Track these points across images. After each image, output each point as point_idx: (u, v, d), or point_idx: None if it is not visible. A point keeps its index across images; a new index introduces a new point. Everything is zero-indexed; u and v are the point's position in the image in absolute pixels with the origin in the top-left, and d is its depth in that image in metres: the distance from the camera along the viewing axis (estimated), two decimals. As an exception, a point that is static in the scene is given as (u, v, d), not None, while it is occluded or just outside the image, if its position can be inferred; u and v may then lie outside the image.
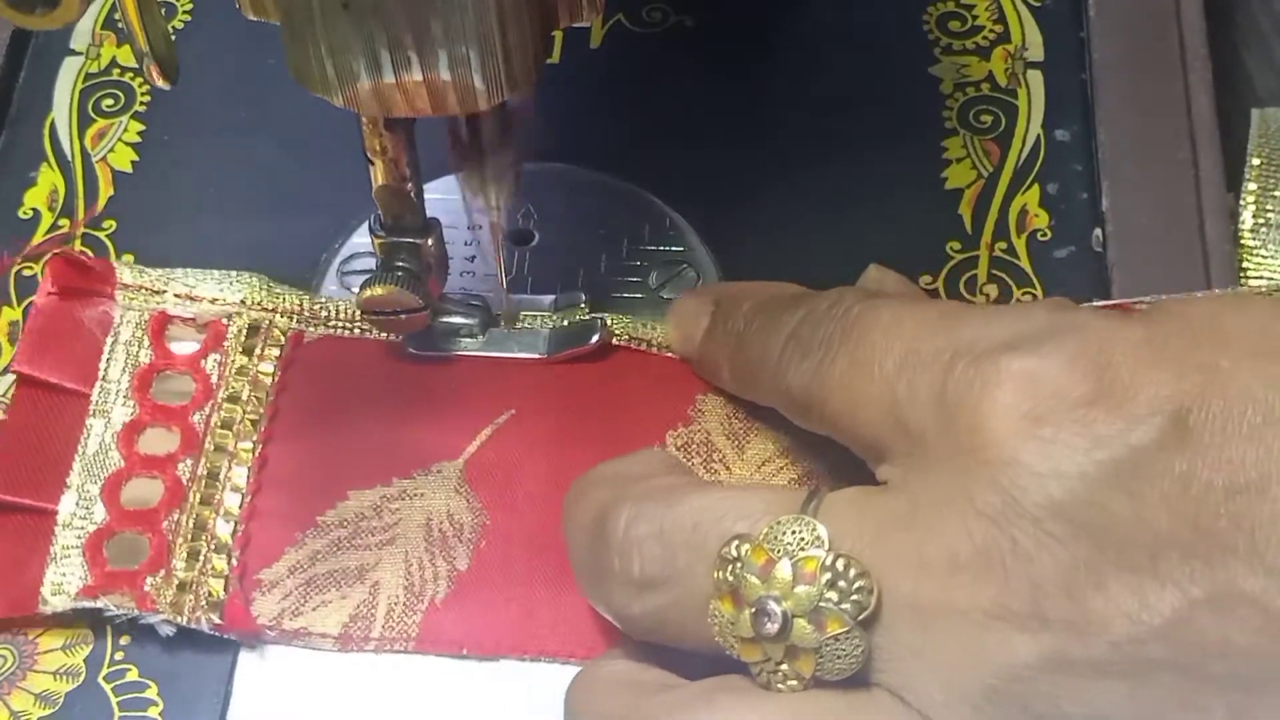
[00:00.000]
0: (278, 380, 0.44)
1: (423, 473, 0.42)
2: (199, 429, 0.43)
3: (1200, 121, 0.47)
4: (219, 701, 0.39)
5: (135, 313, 0.45)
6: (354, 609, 0.40)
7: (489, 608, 0.40)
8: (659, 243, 0.47)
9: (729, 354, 0.41)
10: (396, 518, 0.41)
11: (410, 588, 0.40)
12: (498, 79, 0.35)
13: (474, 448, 0.42)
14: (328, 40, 0.34)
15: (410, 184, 0.40)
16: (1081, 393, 0.30)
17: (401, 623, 0.40)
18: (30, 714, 0.39)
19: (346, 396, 0.43)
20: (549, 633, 0.39)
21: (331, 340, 0.45)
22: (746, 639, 0.32)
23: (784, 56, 0.51)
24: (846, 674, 0.31)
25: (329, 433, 0.43)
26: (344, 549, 0.41)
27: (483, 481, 0.42)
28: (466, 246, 0.47)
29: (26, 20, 0.33)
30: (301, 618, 0.40)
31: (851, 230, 0.47)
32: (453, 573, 0.40)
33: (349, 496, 0.42)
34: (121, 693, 0.39)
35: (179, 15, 0.53)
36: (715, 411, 0.43)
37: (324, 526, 0.41)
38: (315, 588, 0.40)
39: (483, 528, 0.41)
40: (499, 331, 0.45)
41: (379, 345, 0.44)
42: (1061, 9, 0.51)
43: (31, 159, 0.50)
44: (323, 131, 0.48)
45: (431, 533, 0.41)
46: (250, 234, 0.48)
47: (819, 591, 0.31)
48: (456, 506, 0.42)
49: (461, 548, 0.41)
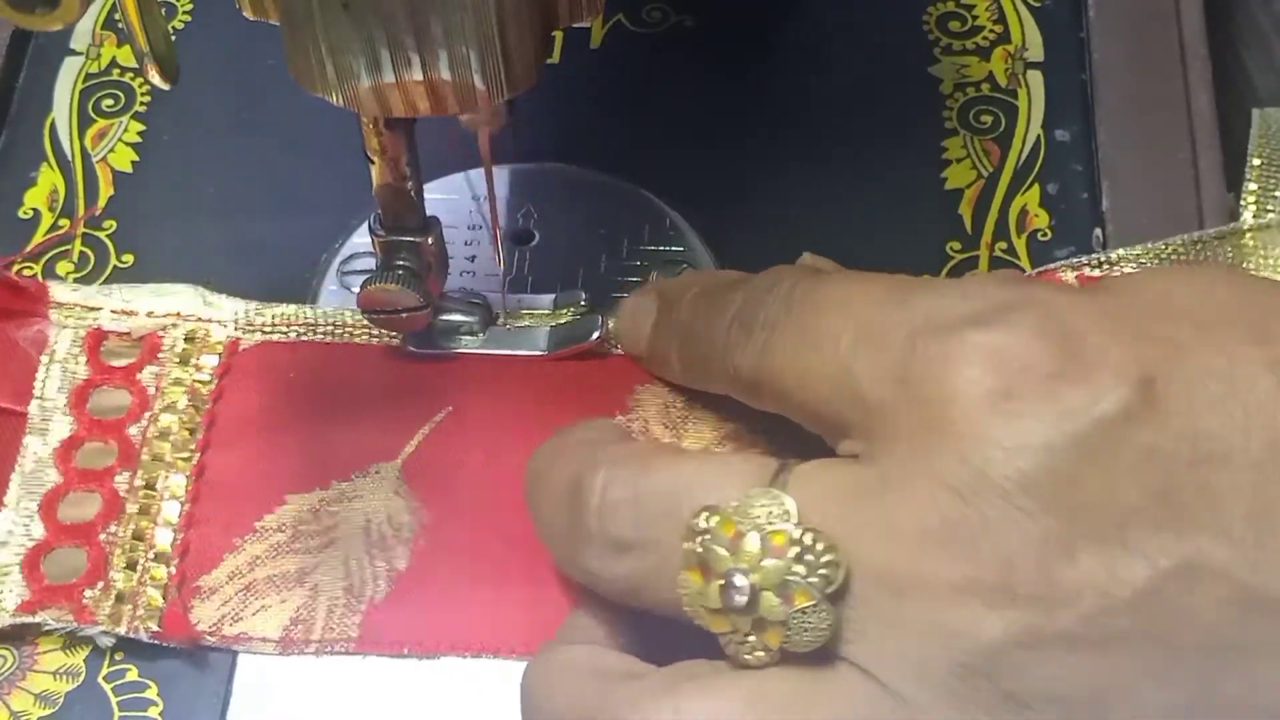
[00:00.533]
0: (214, 389, 0.44)
1: (360, 474, 0.42)
2: (136, 441, 0.43)
3: (1200, 121, 0.47)
4: (219, 701, 0.39)
5: (70, 330, 0.45)
6: (294, 612, 0.40)
7: (429, 606, 0.40)
8: (659, 243, 0.47)
9: (676, 346, 0.41)
10: (335, 520, 0.41)
11: (350, 589, 0.40)
12: (498, 79, 0.35)
13: (411, 447, 0.43)
14: (327, 40, 0.34)
15: (410, 183, 0.40)
16: (1048, 366, 0.31)
17: (342, 624, 0.40)
18: (30, 714, 0.39)
19: (283, 402, 0.44)
20: (490, 629, 0.40)
21: (268, 346, 0.45)
22: (715, 610, 0.32)
23: (784, 56, 0.51)
24: (814, 646, 0.31)
25: (266, 438, 0.43)
26: (283, 553, 0.41)
27: (421, 481, 0.42)
28: (466, 246, 0.47)
29: (26, 20, 0.33)
30: (241, 623, 0.40)
31: (851, 230, 0.47)
32: (392, 573, 0.40)
33: (287, 501, 0.42)
34: (121, 693, 0.39)
35: (179, 15, 0.53)
36: (653, 401, 0.43)
37: (262, 532, 0.41)
38: (254, 593, 0.40)
39: (421, 526, 0.41)
40: (499, 330, 0.45)
41: (315, 349, 0.44)
42: (1061, 9, 0.51)
43: (31, 159, 0.50)
44: (323, 131, 0.48)
45: (370, 534, 0.41)
46: (250, 234, 0.48)
47: (787, 565, 0.31)
48: (395, 507, 0.42)
49: (400, 547, 0.41)
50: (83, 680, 0.40)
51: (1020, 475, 0.30)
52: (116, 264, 0.47)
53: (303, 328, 0.45)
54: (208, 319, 0.45)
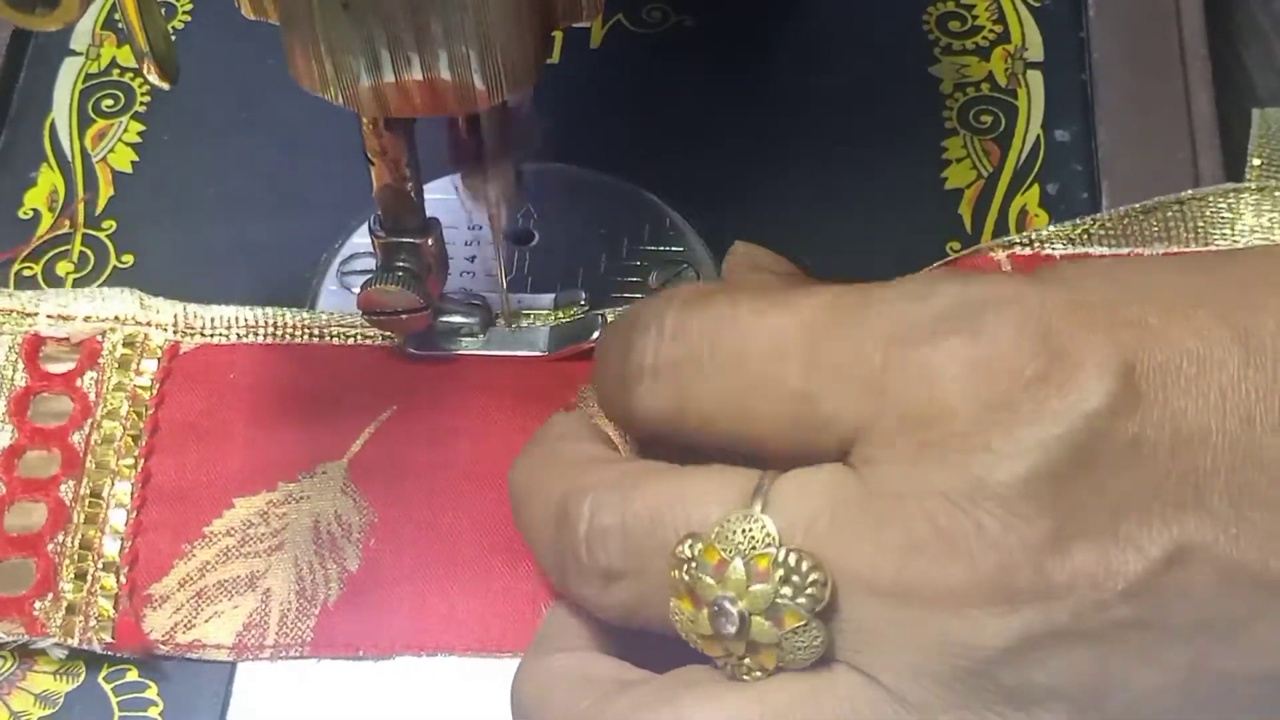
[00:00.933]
0: (156, 393, 0.44)
1: (307, 475, 0.42)
2: (79, 448, 0.43)
3: (1200, 121, 0.47)
4: (219, 702, 0.39)
5: (8, 336, 0.44)
6: (247, 617, 0.40)
7: (381, 607, 0.40)
8: (659, 243, 0.47)
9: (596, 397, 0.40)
10: (284, 523, 0.41)
11: (302, 592, 0.40)
12: (498, 79, 0.35)
13: (357, 447, 0.43)
14: (327, 40, 0.34)
15: (410, 184, 0.40)
16: (1034, 368, 0.30)
17: (295, 628, 0.40)
18: (30, 714, 0.39)
19: (226, 404, 0.43)
20: (443, 628, 0.40)
21: (209, 349, 0.44)
22: (707, 636, 0.32)
23: (784, 56, 0.51)
24: (810, 662, 0.32)
25: (211, 442, 0.43)
26: (233, 558, 0.41)
27: (369, 480, 0.42)
28: (466, 246, 0.47)
29: (26, 20, 0.33)
30: (194, 630, 0.40)
31: (851, 230, 0.47)
32: (343, 574, 0.40)
33: (235, 504, 0.42)
34: (121, 693, 0.39)
35: (179, 15, 0.53)
36: None
37: (211, 537, 0.41)
38: (206, 599, 0.40)
39: (370, 526, 0.41)
40: (499, 331, 0.45)
41: (257, 350, 0.44)
42: (1061, 9, 0.51)
43: (31, 159, 0.50)
44: (323, 131, 0.48)
45: (320, 535, 0.41)
46: (250, 234, 0.48)
47: (774, 589, 0.31)
48: (344, 507, 0.42)
49: (351, 548, 0.41)
50: (83, 680, 0.40)
51: (1018, 481, 0.30)
52: (116, 264, 0.47)
53: (244, 329, 0.45)
54: (146, 323, 0.45)
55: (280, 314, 0.45)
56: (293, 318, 0.45)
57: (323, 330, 0.45)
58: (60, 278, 0.47)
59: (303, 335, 0.45)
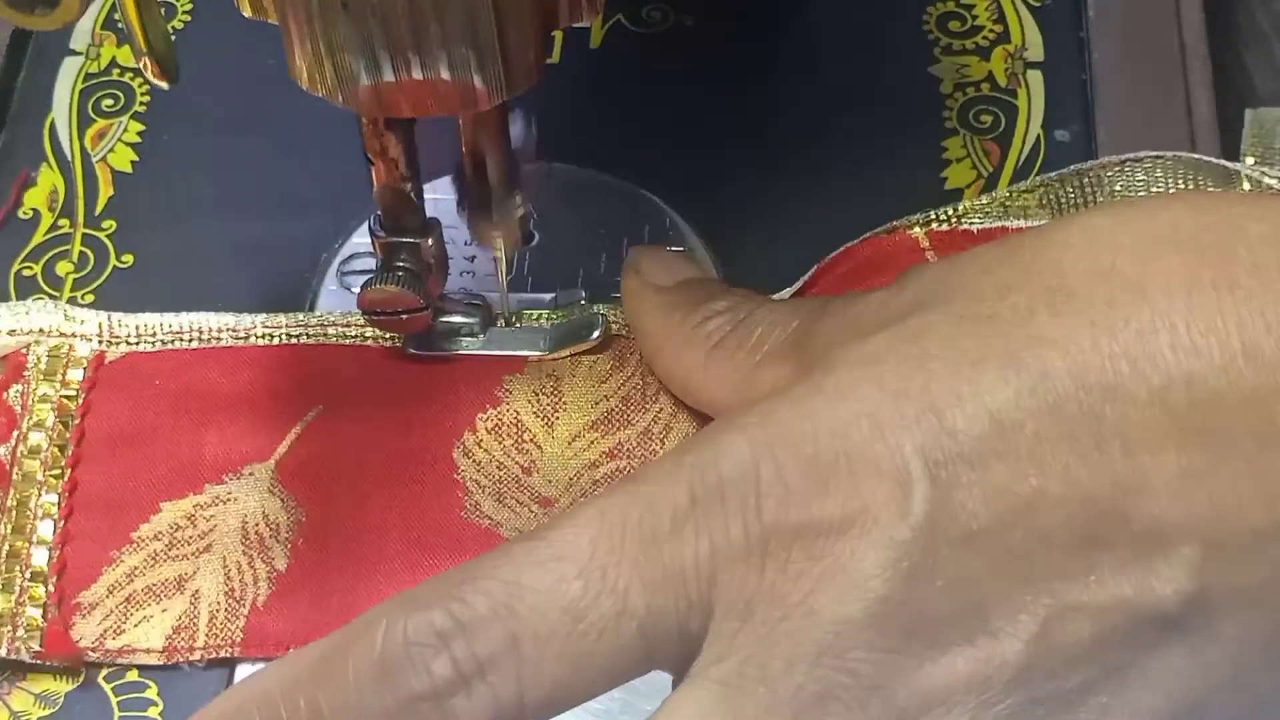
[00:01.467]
0: (82, 403, 0.44)
1: (234, 476, 0.42)
2: (5, 461, 0.43)
3: (1200, 121, 0.47)
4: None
5: None
6: (176, 620, 0.40)
7: (311, 604, 0.40)
8: (658, 242, 0.47)
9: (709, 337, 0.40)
10: (212, 525, 0.41)
11: (231, 593, 0.40)
12: (497, 79, 0.35)
13: (284, 447, 0.43)
14: (327, 40, 0.34)
15: (410, 184, 0.40)
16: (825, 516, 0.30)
17: (225, 629, 0.40)
18: (30, 714, 0.39)
19: (152, 410, 0.43)
20: None
21: (134, 356, 0.44)
22: None
23: (784, 56, 0.51)
24: None
25: (137, 448, 0.43)
26: (161, 562, 0.41)
27: (296, 479, 0.42)
28: (466, 246, 0.47)
29: (26, 20, 0.33)
30: (124, 636, 0.40)
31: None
32: (272, 574, 0.40)
33: (161, 509, 0.42)
34: (121, 693, 0.39)
35: (179, 15, 0.53)
36: (523, 391, 0.43)
37: (139, 542, 0.41)
38: (135, 604, 0.40)
39: (299, 525, 0.41)
40: (499, 330, 0.45)
41: (181, 356, 0.44)
42: (1061, 9, 0.51)
43: (31, 159, 0.50)
44: (323, 131, 0.48)
45: (248, 536, 0.41)
46: (250, 234, 0.48)
47: None
48: (271, 507, 0.42)
49: (279, 547, 0.41)
50: (83, 680, 0.40)
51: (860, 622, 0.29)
52: (116, 264, 0.47)
53: (169, 336, 0.45)
54: (71, 334, 0.45)
55: (205, 320, 0.45)
56: (217, 322, 0.45)
57: (248, 333, 0.45)
58: (60, 277, 0.47)
59: (225, 339, 0.45)
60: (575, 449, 0.42)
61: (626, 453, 0.42)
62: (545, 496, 0.42)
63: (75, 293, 0.47)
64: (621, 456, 0.42)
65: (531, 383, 0.43)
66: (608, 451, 0.42)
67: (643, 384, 0.43)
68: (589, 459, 0.42)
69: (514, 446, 0.42)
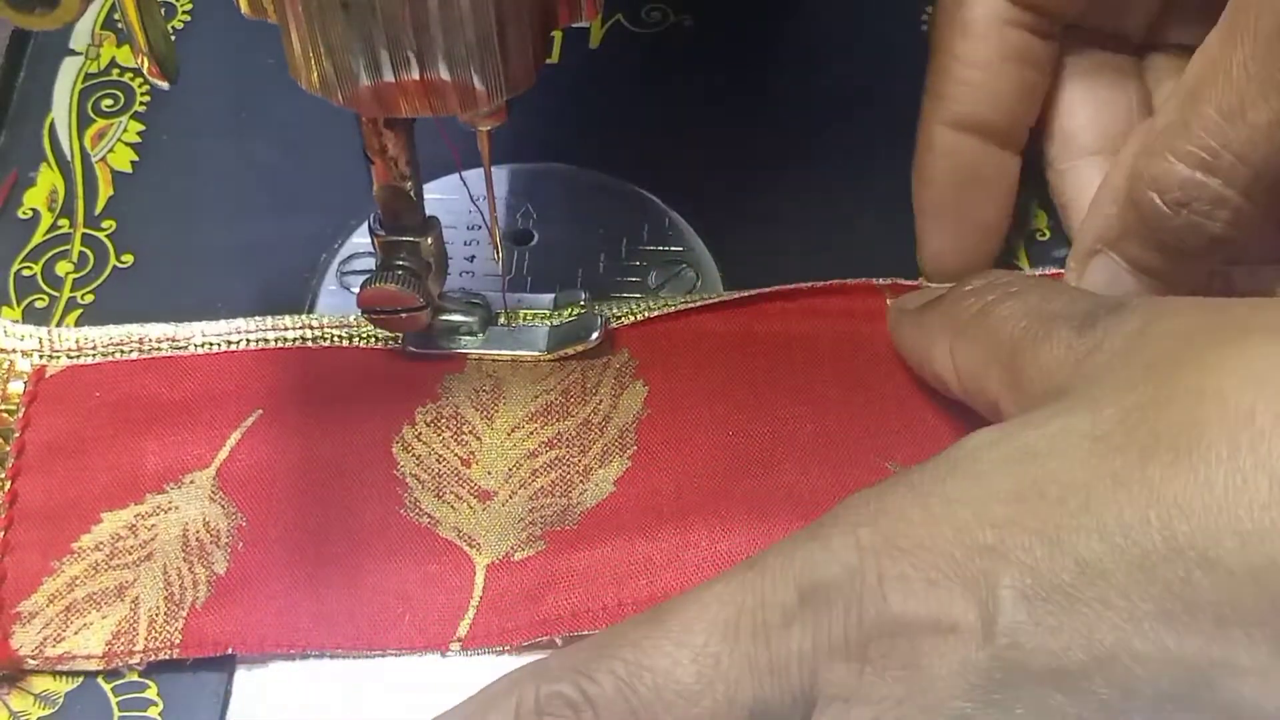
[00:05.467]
0: (22, 416, 0.44)
1: (175, 485, 0.42)
2: None
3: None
4: (218, 701, 0.39)
5: None
6: (116, 626, 0.40)
7: (250, 607, 0.40)
8: (658, 242, 0.47)
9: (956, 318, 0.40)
10: (153, 534, 0.41)
11: (170, 597, 0.40)
12: (497, 79, 0.35)
13: (225, 454, 0.43)
14: (326, 40, 0.34)
15: (410, 183, 0.40)
16: None
17: (164, 632, 0.40)
18: (30, 714, 0.39)
19: (93, 422, 0.44)
20: (312, 625, 0.40)
21: (76, 369, 0.44)
22: None
23: (783, 57, 0.51)
24: None
25: (77, 459, 0.43)
26: (102, 571, 0.41)
27: (237, 485, 0.42)
28: (466, 246, 0.47)
29: (25, 20, 0.33)
30: (64, 643, 0.40)
31: (850, 231, 0.47)
32: (211, 578, 0.41)
33: (103, 519, 0.42)
34: (121, 693, 0.39)
35: (179, 15, 0.53)
36: (463, 387, 0.43)
37: (80, 552, 0.41)
38: (75, 612, 0.40)
39: (239, 530, 0.41)
40: (498, 330, 0.45)
41: (121, 367, 0.44)
42: (1061, 9, 0.51)
43: (31, 159, 0.50)
44: (322, 131, 0.48)
45: (189, 542, 0.41)
46: (250, 234, 0.48)
47: None
48: (213, 514, 0.42)
49: (219, 552, 0.41)
50: (83, 680, 0.40)
51: None
52: (116, 264, 0.47)
53: (109, 348, 0.45)
54: (11, 349, 0.45)
55: (142, 329, 0.45)
56: (156, 331, 0.45)
57: (187, 341, 0.45)
58: (60, 277, 0.47)
59: (164, 348, 0.45)
60: (515, 439, 0.43)
61: (566, 441, 0.42)
62: (484, 489, 0.42)
63: (75, 293, 0.47)
64: (561, 445, 0.42)
65: (472, 380, 0.44)
66: (547, 441, 0.42)
67: (583, 378, 0.43)
68: (529, 448, 0.42)
69: (453, 438, 0.43)
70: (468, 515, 0.41)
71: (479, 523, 0.41)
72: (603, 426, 0.43)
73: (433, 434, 0.43)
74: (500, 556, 0.40)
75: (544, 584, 0.40)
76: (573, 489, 0.42)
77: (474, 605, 0.40)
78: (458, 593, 0.40)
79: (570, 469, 0.42)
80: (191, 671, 0.40)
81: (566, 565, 0.40)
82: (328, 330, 0.45)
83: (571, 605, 0.39)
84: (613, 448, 0.42)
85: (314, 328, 0.45)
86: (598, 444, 0.42)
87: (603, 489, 0.42)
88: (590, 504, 0.41)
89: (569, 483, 0.42)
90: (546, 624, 0.39)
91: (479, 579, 0.40)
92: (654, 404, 0.43)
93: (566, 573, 0.40)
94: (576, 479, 0.42)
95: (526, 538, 0.41)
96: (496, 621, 0.39)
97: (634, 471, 0.42)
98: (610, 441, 0.42)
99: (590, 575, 0.40)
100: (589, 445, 0.42)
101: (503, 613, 0.40)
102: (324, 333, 0.45)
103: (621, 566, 0.40)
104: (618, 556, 0.40)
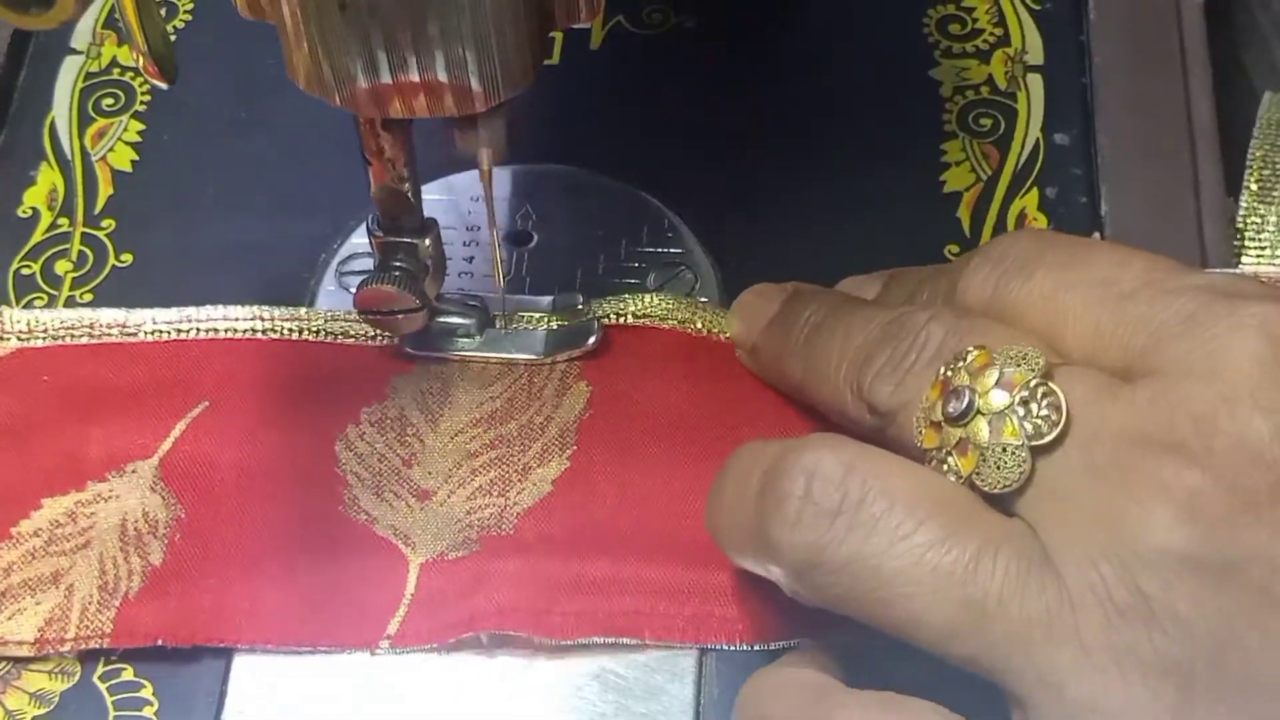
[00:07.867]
0: None
1: (116, 474, 0.42)
2: None
3: (1200, 124, 0.47)
4: (214, 701, 0.39)
5: None
6: (49, 613, 0.40)
7: (183, 598, 0.40)
8: (657, 244, 0.47)
9: (793, 361, 0.41)
10: (91, 521, 0.41)
11: (104, 586, 0.40)
12: (495, 80, 0.35)
13: (168, 444, 0.43)
14: (324, 41, 0.34)
15: (408, 184, 0.40)
16: None
17: (95, 620, 0.40)
18: (25, 713, 0.39)
19: (40, 406, 0.43)
20: (243, 620, 0.40)
21: (25, 352, 0.44)
22: (934, 423, 0.34)
23: (784, 58, 0.51)
24: (998, 488, 0.32)
25: (20, 445, 0.43)
26: (39, 558, 0.41)
27: (179, 476, 0.42)
28: (465, 247, 0.47)
29: (22, 20, 0.33)
30: None
31: (850, 233, 0.47)
32: (146, 568, 0.40)
33: (43, 505, 0.42)
34: (116, 692, 0.39)
35: (179, 15, 0.53)
36: (409, 388, 0.43)
37: (18, 538, 0.41)
38: (10, 598, 0.40)
39: (177, 521, 0.41)
40: (496, 332, 0.45)
41: (72, 352, 0.44)
42: (1062, 12, 0.51)
43: (31, 158, 0.50)
44: (322, 131, 0.48)
45: (126, 531, 0.41)
46: (249, 234, 0.48)
47: (1010, 401, 0.33)
48: (152, 504, 0.42)
49: (156, 543, 0.41)
50: (78, 679, 0.40)
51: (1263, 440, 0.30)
52: (115, 263, 0.47)
53: (60, 331, 0.45)
54: None
55: (95, 315, 0.45)
56: (108, 317, 0.45)
57: (137, 328, 0.45)
58: (59, 276, 0.47)
59: (114, 334, 0.44)
60: (457, 443, 0.43)
61: (507, 442, 0.42)
62: (424, 489, 0.42)
63: (74, 291, 0.47)
64: (502, 446, 0.42)
65: (420, 382, 0.44)
66: (489, 443, 0.42)
67: (529, 385, 0.44)
68: (470, 449, 0.42)
69: (396, 440, 0.43)
70: (405, 514, 0.41)
71: (415, 522, 0.41)
72: (544, 427, 0.43)
73: (376, 434, 0.43)
74: (434, 555, 0.40)
75: (474, 584, 0.40)
76: (510, 488, 0.41)
77: (405, 603, 0.40)
78: (390, 590, 0.40)
79: (509, 468, 0.42)
80: (187, 670, 0.40)
81: (499, 567, 0.40)
82: (279, 323, 0.45)
83: (499, 604, 0.39)
84: (552, 447, 0.42)
85: (264, 319, 0.45)
86: (537, 443, 0.42)
87: (541, 488, 0.41)
88: (527, 504, 0.41)
89: (507, 481, 0.42)
90: (474, 620, 0.39)
91: (411, 577, 0.40)
92: (596, 405, 0.43)
93: (498, 574, 0.40)
94: (515, 478, 0.42)
95: (462, 539, 0.41)
96: (426, 621, 0.39)
97: (572, 472, 0.42)
98: (550, 441, 0.42)
99: (521, 579, 0.40)
100: (529, 444, 0.42)
101: (433, 612, 0.40)
102: (275, 324, 0.45)
103: (553, 574, 0.40)
104: (551, 565, 0.40)
